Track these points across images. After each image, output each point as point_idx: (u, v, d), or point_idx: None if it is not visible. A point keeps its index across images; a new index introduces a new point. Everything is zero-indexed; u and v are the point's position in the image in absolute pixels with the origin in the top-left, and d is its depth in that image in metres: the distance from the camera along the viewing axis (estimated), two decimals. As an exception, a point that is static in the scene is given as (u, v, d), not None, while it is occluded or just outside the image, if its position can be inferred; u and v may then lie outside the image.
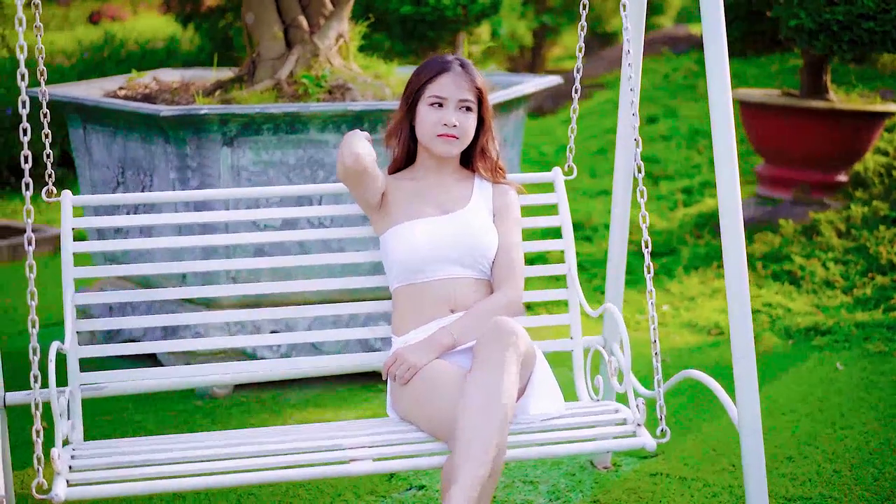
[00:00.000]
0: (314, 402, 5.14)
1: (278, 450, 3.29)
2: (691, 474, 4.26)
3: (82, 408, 4.95)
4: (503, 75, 6.50)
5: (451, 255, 3.59)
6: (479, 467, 3.08)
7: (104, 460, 3.24)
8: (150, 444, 3.39)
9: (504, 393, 3.18)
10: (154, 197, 3.86)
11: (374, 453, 3.29)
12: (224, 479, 3.20)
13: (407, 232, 3.61)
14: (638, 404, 3.47)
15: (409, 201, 3.66)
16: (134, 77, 6.02)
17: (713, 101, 3.42)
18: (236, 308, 5.09)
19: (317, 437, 3.39)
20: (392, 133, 3.75)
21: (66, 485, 3.10)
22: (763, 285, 6.48)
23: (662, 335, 5.98)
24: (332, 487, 4.21)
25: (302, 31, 5.63)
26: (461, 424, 3.14)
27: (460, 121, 3.62)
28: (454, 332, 3.50)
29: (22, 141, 3.14)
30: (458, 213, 3.66)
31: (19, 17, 3.09)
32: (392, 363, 3.49)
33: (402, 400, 3.51)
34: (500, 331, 3.27)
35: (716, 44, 3.39)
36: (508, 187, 3.78)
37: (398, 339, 3.64)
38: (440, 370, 3.40)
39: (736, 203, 3.41)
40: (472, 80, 3.63)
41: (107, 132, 5.33)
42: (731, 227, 3.42)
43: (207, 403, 5.13)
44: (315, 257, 3.90)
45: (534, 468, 4.35)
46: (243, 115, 4.86)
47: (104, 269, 3.80)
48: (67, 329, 3.52)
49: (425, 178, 3.73)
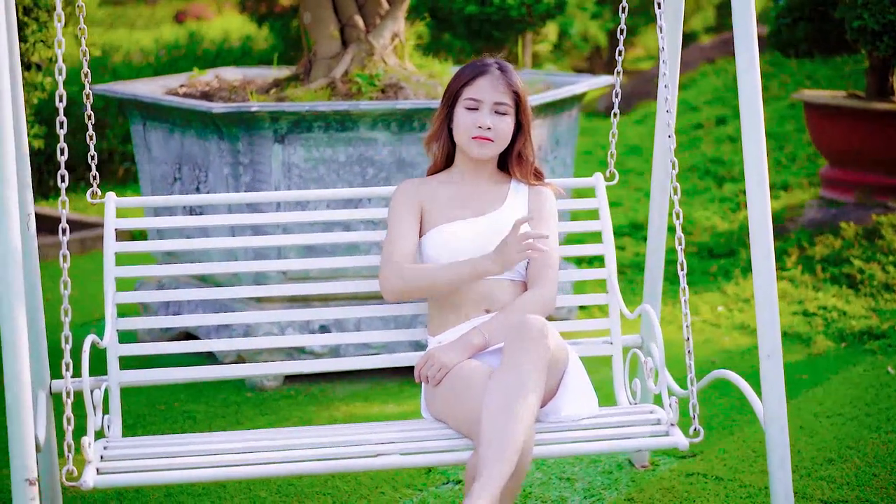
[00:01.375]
0: (362, 397, 5.21)
1: (307, 444, 3.36)
2: (728, 475, 4.26)
3: (134, 396, 5.11)
4: (559, 75, 6.52)
5: None
6: (501, 465, 3.10)
7: (136, 451, 3.33)
8: (182, 440, 3.47)
9: (528, 393, 3.20)
10: (203, 199, 3.96)
11: (400, 448, 3.34)
12: (250, 471, 3.27)
13: (444, 234, 3.65)
14: (671, 403, 3.47)
15: (446, 204, 3.70)
16: (195, 75, 6.14)
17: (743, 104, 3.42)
18: (286, 302, 5.19)
19: (346, 434, 3.46)
20: (432, 138, 3.78)
21: (95, 473, 3.20)
22: (821, 288, 6.43)
23: (714, 336, 5.96)
24: (370, 480, 4.27)
25: (358, 31, 5.70)
26: (484, 424, 3.18)
27: (495, 124, 3.63)
28: (486, 333, 3.53)
29: (58, 134, 3.24)
30: (493, 214, 3.69)
31: (58, 13, 3.19)
32: (423, 364, 3.53)
33: (434, 400, 3.55)
34: (526, 330, 3.29)
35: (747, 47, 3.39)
36: (544, 188, 3.79)
37: (433, 339, 3.68)
38: (470, 370, 3.43)
39: (765, 201, 3.40)
40: (509, 84, 3.64)
41: (165, 129, 5.45)
42: (759, 225, 3.41)
43: (257, 395, 5.23)
44: (363, 259, 3.97)
45: (571, 465, 4.38)
46: (294, 112, 4.95)
47: (144, 269, 3.90)
48: (108, 326, 3.62)
49: (462, 181, 3.76)
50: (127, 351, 3.76)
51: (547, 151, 5.64)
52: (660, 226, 4.22)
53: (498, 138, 3.66)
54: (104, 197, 3.81)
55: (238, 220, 3.95)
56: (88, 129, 3.69)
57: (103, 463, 3.25)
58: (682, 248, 3.54)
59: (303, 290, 3.93)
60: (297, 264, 3.94)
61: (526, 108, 3.70)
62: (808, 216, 7.34)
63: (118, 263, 3.75)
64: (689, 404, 3.48)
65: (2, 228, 3.01)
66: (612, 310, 3.94)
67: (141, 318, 3.86)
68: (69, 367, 3.19)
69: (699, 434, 3.46)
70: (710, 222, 7.65)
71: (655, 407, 3.64)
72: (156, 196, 4.02)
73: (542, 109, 5.45)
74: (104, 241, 3.75)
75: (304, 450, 3.33)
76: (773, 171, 8.45)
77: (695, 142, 9.54)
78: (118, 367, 3.70)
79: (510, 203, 3.73)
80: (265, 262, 3.93)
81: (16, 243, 3.02)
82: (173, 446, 3.37)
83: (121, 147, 9.68)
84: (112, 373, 3.68)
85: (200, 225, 3.91)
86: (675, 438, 3.45)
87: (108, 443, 3.42)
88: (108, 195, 3.81)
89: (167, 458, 3.28)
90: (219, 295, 3.87)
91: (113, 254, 3.73)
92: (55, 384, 3.69)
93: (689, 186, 8.53)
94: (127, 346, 3.75)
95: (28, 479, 3.02)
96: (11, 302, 3.00)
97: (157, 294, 3.85)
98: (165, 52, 11.50)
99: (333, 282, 4.83)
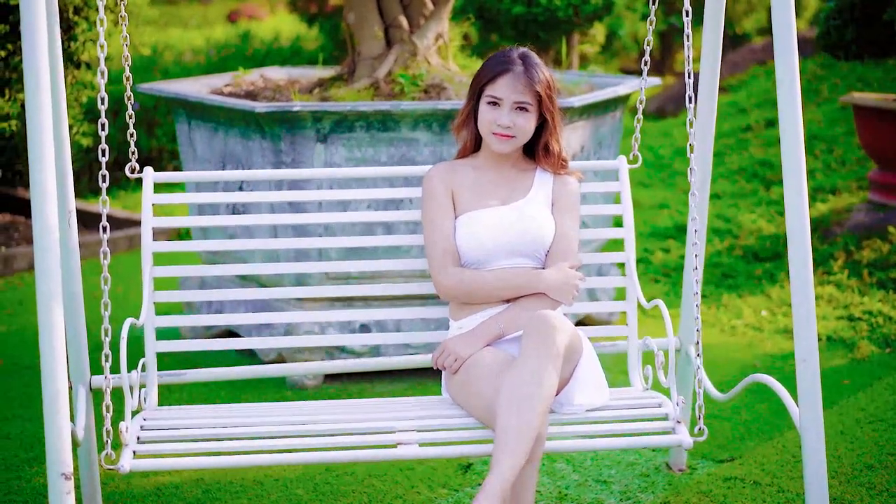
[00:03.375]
0: (402, 395, 5.21)
1: (331, 430, 3.42)
2: (766, 480, 4.23)
3: (176, 393, 5.15)
4: (602, 76, 6.50)
5: (510, 244, 3.68)
6: (514, 457, 3.16)
7: (172, 433, 3.39)
8: (216, 414, 3.54)
9: (542, 385, 3.26)
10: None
11: (420, 438, 3.39)
12: (276, 458, 3.34)
13: (470, 221, 3.70)
14: (679, 402, 3.52)
15: (473, 190, 3.76)
16: (241, 74, 6.17)
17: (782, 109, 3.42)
18: (327, 302, 5.21)
19: (370, 418, 3.51)
20: (461, 126, 3.84)
21: (132, 456, 3.26)
22: (867, 293, 6.37)
23: (756, 340, 5.93)
24: (406, 479, 4.29)
25: (402, 31, 5.71)
26: (499, 415, 3.23)
27: (515, 121, 3.67)
28: (502, 323, 3.61)
29: (100, 135, 3.28)
30: (518, 203, 3.75)
31: (101, 17, 3.23)
32: (439, 354, 3.61)
33: (452, 387, 3.65)
34: (542, 324, 3.35)
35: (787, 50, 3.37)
36: (569, 177, 3.84)
37: (454, 323, 3.76)
38: (487, 358, 3.51)
39: (802, 204, 3.37)
40: (530, 82, 3.65)
41: (209, 127, 5.49)
42: (796, 226, 3.39)
43: (297, 394, 5.25)
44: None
45: (608, 468, 4.37)
46: (335, 112, 4.96)
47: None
48: (145, 299, 3.70)
49: (487, 168, 3.81)
50: (167, 347, 3.81)
51: (590, 153, 5.62)
52: (700, 227, 4.18)
53: (519, 134, 3.71)
54: (142, 172, 3.85)
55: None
56: (129, 127, 3.75)
57: (140, 445, 3.32)
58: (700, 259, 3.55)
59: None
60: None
61: (549, 102, 3.72)
62: (856, 220, 7.27)
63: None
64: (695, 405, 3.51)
65: (41, 228, 3.04)
66: (630, 294, 3.97)
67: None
68: (108, 359, 3.26)
69: (703, 433, 3.49)
70: (756, 225, 7.59)
71: (664, 398, 3.67)
72: (193, 172, 4.06)
73: (584, 111, 5.44)
74: (142, 215, 3.81)
75: (325, 437, 3.39)
76: (822, 174, 8.38)
77: (743, 144, 9.47)
78: (154, 338, 3.77)
79: (535, 192, 3.79)
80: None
81: (54, 244, 3.04)
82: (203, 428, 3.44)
83: (169, 146, 9.75)
84: (149, 344, 3.75)
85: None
86: (681, 437, 3.48)
87: (146, 415, 3.50)
88: (147, 169, 3.87)
89: (203, 442, 3.35)
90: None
91: (150, 229, 3.79)
92: (95, 380, 3.74)
93: (736, 189, 8.48)
94: (167, 342, 3.80)
95: (64, 474, 3.05)
96: (49, 298, 3.04)
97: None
98: (216, 52, 11.57)
99: (375, 283, 4.88)
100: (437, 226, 3.71)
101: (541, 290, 3.64)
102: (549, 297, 3.64)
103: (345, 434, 3.41)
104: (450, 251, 3.68)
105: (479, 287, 3.64)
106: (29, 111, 2.99)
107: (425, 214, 3.75)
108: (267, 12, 21.68)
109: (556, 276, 3.65)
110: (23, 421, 4.89)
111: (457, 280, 3.65)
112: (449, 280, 3.66)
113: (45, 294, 3.02)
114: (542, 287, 3.64)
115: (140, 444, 3.34)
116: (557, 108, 3.75)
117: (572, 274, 3.66)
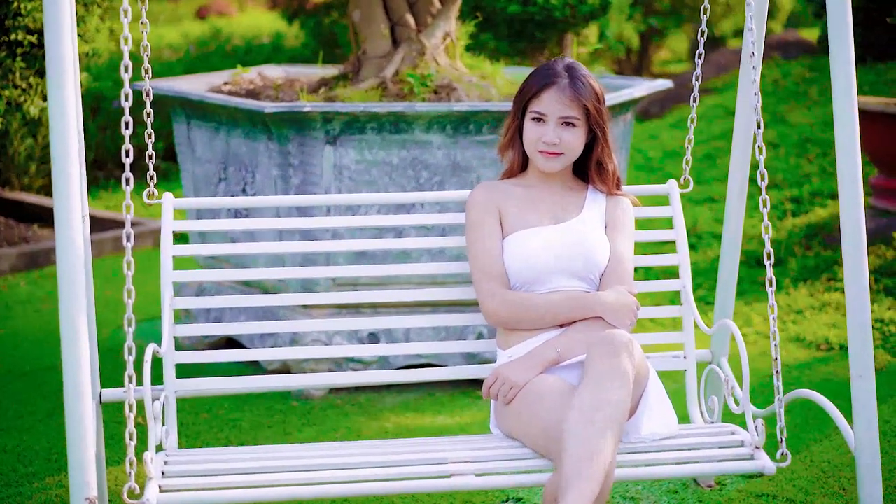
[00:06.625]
0: (412, 407, 5.06)
1: (380, 462, 3.21)
2: (799, 497, 4.10)
3: (178, 404, 4.96)
4: (612, 78, 6.37)
5: (562, 265, 3.47)
6: (589, 485, 2.95)
7: (199, 467, 3.19)
8: (245, 454, 3.33)
9: (617, 407, 3.06)
10: (255, 201, 3.82)
11: (475, 468, 3.19)
12: (321, 490, 3.13)
13: (519, 241, 3.50)
14: (757, 426, 3.33)
15: (522, 209, 3.55)
16: (239, 73, 5.99)
17: (837, 109, 3.28)
18: (334, 309, 5.05)
19: (419, 451, 3.31)
20: (506, 146, 3.64)
21: (158, 490, 3.05)
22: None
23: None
24: (427, 497, 4.12)
25: (409, 30, 5.55)
26: (569, 440, 3.01)
27: (562, 137, 3.47)
28: (558, 347, 3.38)
29: (124, 135, 3.08)
30: (571, 222, 3.54)
31: (125, 8, 3.05)
32: (493, 382, 3.38)
33: (506, 418, 3.40)
34: (613, 342, 3.15)
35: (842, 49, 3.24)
36: (623, 198, 3.65)
37: (503, 353, 3.52)
38: (545, 385, 3.28)
39: (858, 213, 3.25)
40: (576, 95, 3.45)
41: (210, 127, 5.31)
42: (853, 239, 3.25)
43: (303, 404, 5.08)
44: (415, 266, 3.82)
45: (634, 484, 4.22)
46: (347, 113, 4.80)
47: (202, 274, 3.76)
48: (165, 333, 3.47)
49: (536, 187, 3.61)
50: (180, 359, 3.61)
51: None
52: (736, 235, 4.05)
53: (567, 150, 3.50)
54: (161, 197, 3.66)
55: (286, 224, 3.79)
56: (147, 126, 3.54)
57: (165, 480, 3.10)
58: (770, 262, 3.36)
59: (352, 298, 3.78)
60: (347, 271, 3.80)
61: (599, 116, 3.51)
62: (859, 225, 7.17)
63: (154, 267, 3.59)
64: (776, 427, 3.32)
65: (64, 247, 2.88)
66: (686, 323, 3.78)
67: (185, 326, 3.68)
68: (132, 380, 3.00)
69: (787, 458, 3.31)
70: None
71: (736, 427, 3.48)
72: (209, 198, 3.86)
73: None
74: (162, 244, 3.59)
75: (375, 468, 3.19)
76: (819, 179, 8.28)
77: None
78: (174, 375, 3.55)
79: (588, 212, 3.59)
80: (313, 269, 3.77)
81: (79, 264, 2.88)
82: (235, 462, 3.23)
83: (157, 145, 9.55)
84: (168, 382, 3.53)
85: (247, 228, 3.76)
86: (762, 462, 3.30)
87: (167, 456, 3.27)
88: (166, 196, 3.65)
89: (230, 476, 3.14)
90: (266, 302, 3.73)
91: (171, 257, 3.57)
92: (106, 393, 3.54)
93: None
94: (181, 353, 3.60)
95: (88, 499, 2.88)
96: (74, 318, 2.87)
97: (207, 301, 3.70)
98: (195, 49, 11.37)
99: (384, 290, 4.69)
100: (484, 247, 3.49)
101: (598, 313, 3.40)
102: (607, 321, 3.41)
103: (396, 465, 3.20)
104: (498, 273, 3.46)
105: (532, 309, 3.41)
106: (53, 118, 2.89)
107: (470, 235, 3.53)
108: (236, 9, 21.48)
109: (614, 298, 3.42)
110: (20, 433, 4.70)
111: (507, 303, 3.42)
112: (498, 303, 3.42)
113: (68, 310, 2.86)
114: (600, 310, 3.40)
115: (165, 478, 3.12)
116: (608, 122, 3.55)
117: (631, 298, 3.45)
